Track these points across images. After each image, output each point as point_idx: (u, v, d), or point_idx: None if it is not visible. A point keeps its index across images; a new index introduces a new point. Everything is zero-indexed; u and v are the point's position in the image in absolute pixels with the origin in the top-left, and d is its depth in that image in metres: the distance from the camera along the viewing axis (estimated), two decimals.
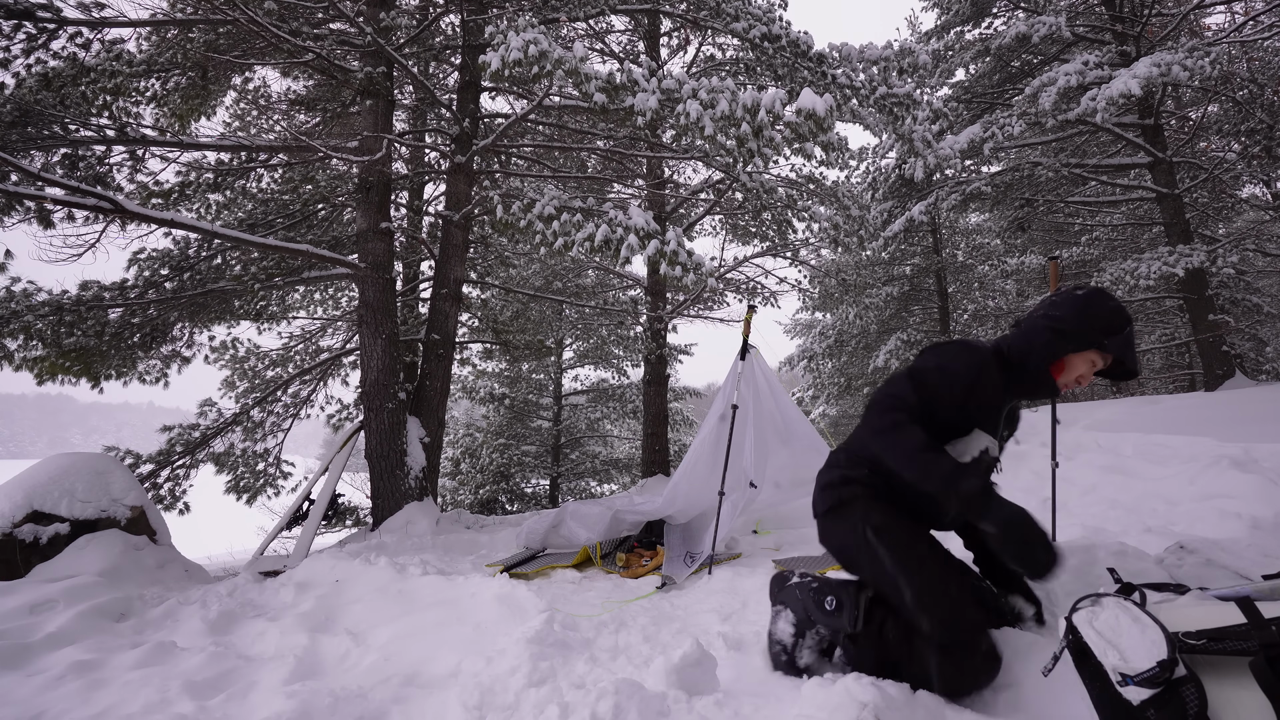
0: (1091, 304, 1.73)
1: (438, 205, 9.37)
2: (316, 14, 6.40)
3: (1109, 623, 1.40)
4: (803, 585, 2.01)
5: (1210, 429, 5.17)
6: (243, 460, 8.23)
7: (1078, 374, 1.76)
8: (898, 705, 1.58)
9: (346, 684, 2.34)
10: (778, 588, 2.12)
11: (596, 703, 1.72)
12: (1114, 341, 1.71)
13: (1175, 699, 1.27)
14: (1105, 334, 1.71)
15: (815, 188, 9.61)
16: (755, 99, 4.65)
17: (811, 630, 1.94)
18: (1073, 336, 1.71)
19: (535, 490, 14.96)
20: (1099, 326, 1.71)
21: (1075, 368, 1.75)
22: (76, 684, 2.39)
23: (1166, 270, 8.57)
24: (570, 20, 6.70)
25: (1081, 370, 1.75)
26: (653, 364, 10.60)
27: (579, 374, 15.94)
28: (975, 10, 11.46)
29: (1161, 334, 13.84)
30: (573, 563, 4.31)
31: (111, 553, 4.17)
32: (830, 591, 1.91)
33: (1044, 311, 1.79)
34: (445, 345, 6.86)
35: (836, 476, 1.92)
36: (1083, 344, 1.72)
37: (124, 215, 5.01)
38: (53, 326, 5.64)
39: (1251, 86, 8.92)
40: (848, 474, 1.90)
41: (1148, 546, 2.27)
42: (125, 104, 6.09)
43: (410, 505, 6.10)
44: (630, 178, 10.48)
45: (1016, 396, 1.82)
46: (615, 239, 5.15)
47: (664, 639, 2.62)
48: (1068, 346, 1.73)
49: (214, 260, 6.74)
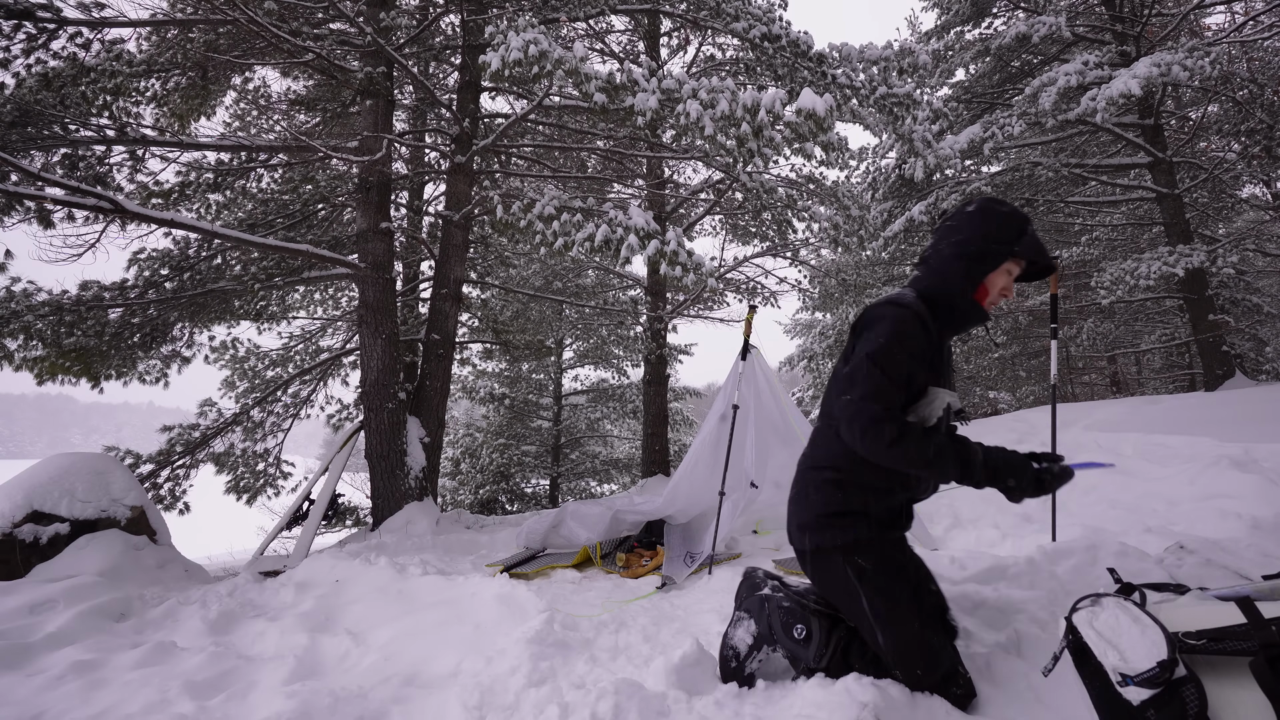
0: (989, 217, 1.70)
1: (438, 205, 9.37)
2: (316, 14, 6.40)
3: (1109, 623, 1.40)
4: (773, 600, 1.94)
5: (1210, 429, 5.17)
6: (243, 460, 8.23)
7: (1000, 288, 1.73)
8: (898, 705, 1.58)
9: (346, 684, 2.34)
10: (746, 592, 2.05)
11: (596, 703, 1.72)
12: (1024, 245, 1.68)
13: (1175, 699, 1.27)
14: (1013, 241, 1.68)
15: (815, 188, 9.61)
16: (755, 99, 4.65)
17: (769, 646, 1.89)
18: (987, 255, 1.68)
19: (535, 490, 14.95)
20: (1006, 236, 1.68)
21: (996, 283, 1.72)
22: (76, 684, 2.39)
23: (1166, 270, 8.56)
24: (570, 20, 6.69)
25: (1002, 283, 1.72)
26: (653, 364, 10.60)
27: (579, 374, 15.94)
28: (975, 10, 11.46)
29: (1161, 334, 13.84)
30: (573, 563, 4.31)
31: (111, 553, 4.17)
32: (801, 620, 1.86)
33: (946, 241, 1.73)
34: (445, 345, 6.85)
35: (810, 519, 1.82)
36: (997, 259, 1.69)
37: (124, 215, 5.01)
38: (53, 326, 5.64)
39: (1251, 86, 8.91)
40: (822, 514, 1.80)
41: (1148, 546, 2.27)
42: (125, 104, 6.08)
43: (410, 505, 6.10)
44: (630, 178, 10.48)
45: (951, 334, 1.77)
46: (615, 239, 5.15)
47: (664, 639, 2.62)
48: (985, 267, 1.70)
49: (214, 260, 6.73)
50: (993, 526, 3.88)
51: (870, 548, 1.75)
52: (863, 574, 1.73)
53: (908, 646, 1.68)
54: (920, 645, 1.68)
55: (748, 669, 1.91)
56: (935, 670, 1.67)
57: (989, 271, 1.70)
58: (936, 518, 4.28)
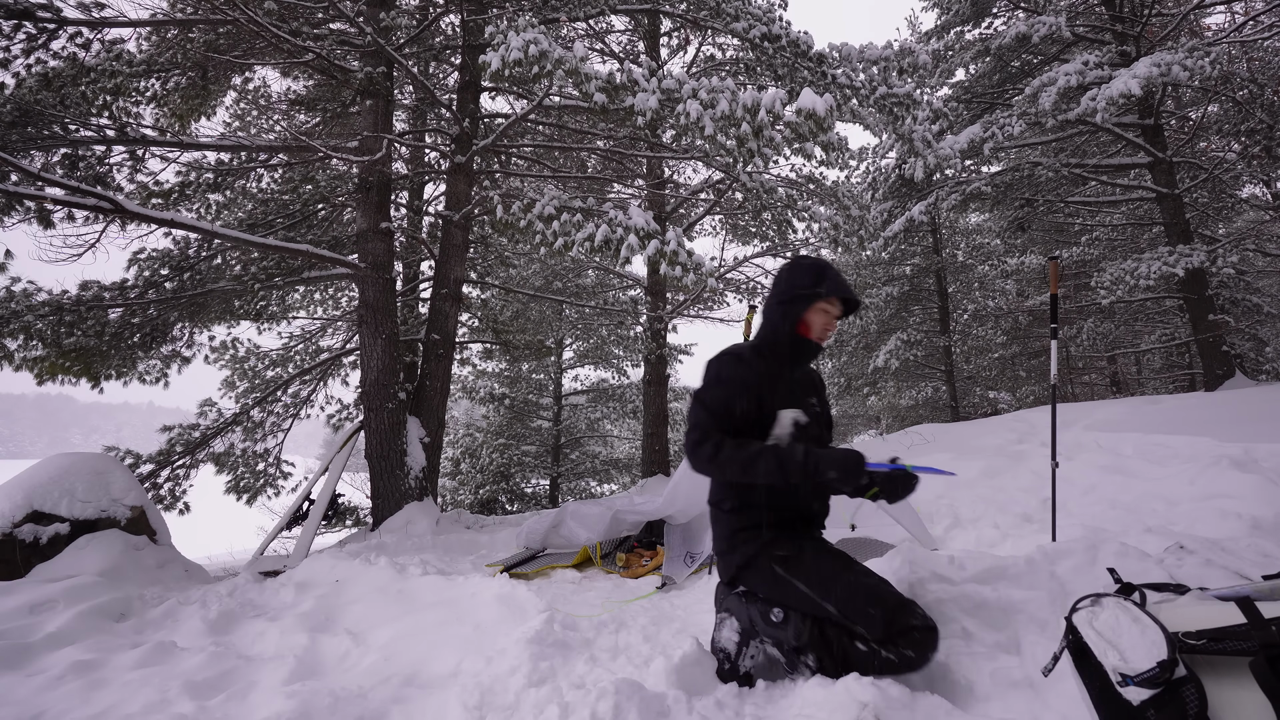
0: (794, 271, 2.06)
1: (438, 205, 9.37)
2: (316, 14, 6.40)
3: (1109, 623, 1.40)
4: (749, 594, 2.03)
5: (1210, 429, 5.16)
6: (243, 460, 8.23)
7: (822, 324, 2.03)
8: (898, 705, 1.58)
9: (346, 684, 2.34)
10: (723, 593, 2.14)
11: (596, 703, 1.72)
12: (826, 287, 1.98)
13: (1175, 699, 1.27)
14: (815, 285, 1.99)
15: (815, 188, 9.61)
16: (755, 99, 4.65)
17: (755, 640, 1.96)
18: (797, 299, 2.01)
19: (535, 490, 14.95)
20: (807, 282, 2.01)
21: (815, 320, 2.03)
22: (76, 684, 2.39)
23: (1166, 270, 8.56)
24: (570, 20, 6.69)
25: (822, 320, 2.03)
26: (653, 364, 10.59)
27: (579, 374, 15.94)
28: (975, 10, 11.46)
29: (1161, 334, 13.84)
30: (573, 563, 4.31)
31: (111, 553, 4.17)
32: (778, 604, 1.95)
33: (770, 295, 2.09)
34: (445, 345, 6.85)
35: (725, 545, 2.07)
36: (807, 300, 2.01)
37: (124, 215, 5.01)
38: (53, 326, 5.64)
39: (1251, 86, 8.91)
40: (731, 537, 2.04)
41: (1148, 546, 2.26)
42: (125, 104, 6.08)
43: (410, 505, 6.10)
44: (630, 178, 10.47)
45: (793, 366, 2.06)
46: (615, 239, 5.15)
47: (664, 639, 2.62)
48: (798, 309, 2.01)
49: (214, 260, 6.74)
50: (993, 526, 3.88)
51: (784, 543, 1.97)
52: (786, 562, 1.93)
53: (850, 594, 1.82)
54: (859, 588, 1.83)
55: (742, 668, 1.94)
56: (883, 604, 1.79)
57: (803, 312, 2.01)
58: (936, 518, 4.27)
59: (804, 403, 2.03)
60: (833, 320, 2.04)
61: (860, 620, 1.79)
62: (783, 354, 2.04)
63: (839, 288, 2.00)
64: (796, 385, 2.07)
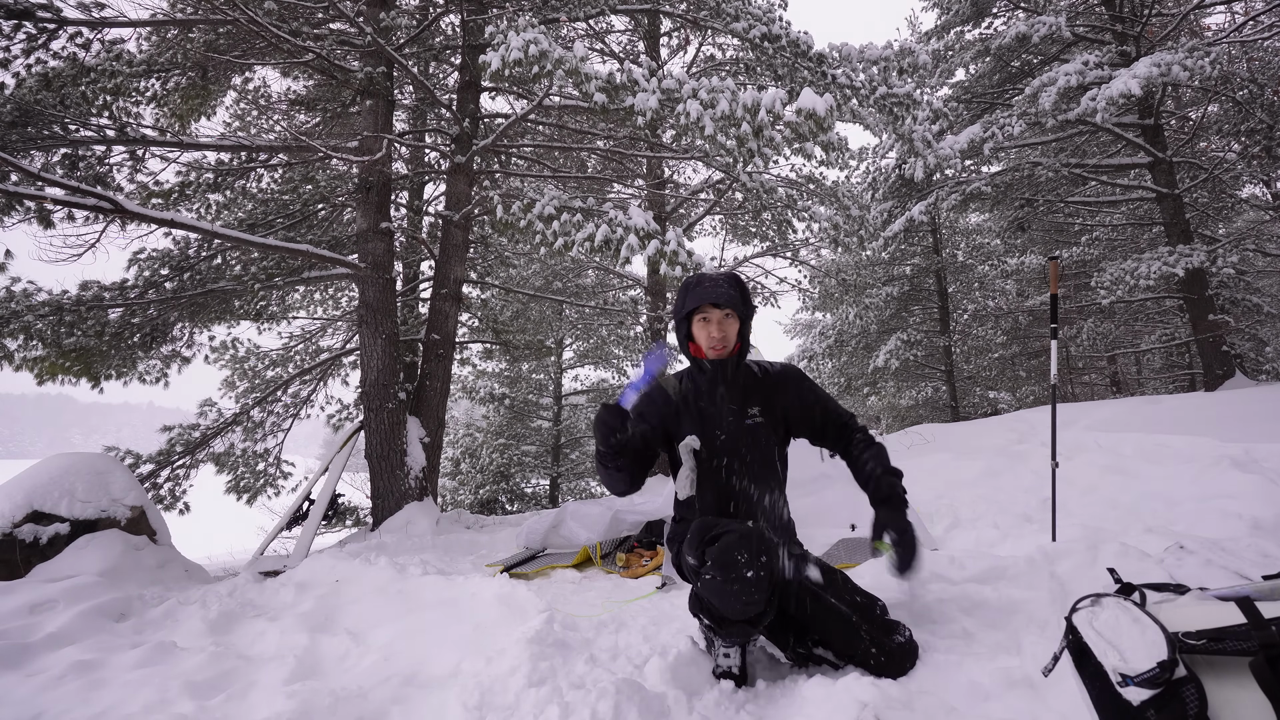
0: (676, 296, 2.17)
1: (438, 205, 9.36)
2: (316, 14, 6.40)
3: (1109, 623, 1.40)
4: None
5: (1210, 429, 5.17)
6: (243, 460, 8.23)
7: (705, 335, 2.06)
8: (898, 705, 1.58)
9: (346, 684, 2.33)
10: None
11: (596, 703, 1.72)
12: (692, 296, 2.03)
13: (1175, 699, 1.27)
14: (683, 305, 2.07)
15: (815, 188, 9.61)
16: (755, 99, 4.65)
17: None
18: (679, 322, 2.12)
19: (535, 490, 14.95)
20: (680, 303, 2.10)
21: (700, 334, 2.08)
22: (76, 684, 2.39)
23: (1166, 270, 8.56)
24: (570, 20, 6.69)
25: (704, 331, 2.06)
26: None
27: (579, 374, 15.94)
28: (975, 10, 11.46)
29: (1161, 334, 13.83)
30: (573, 563, 4.31)
31: (111, 553, 4.16)
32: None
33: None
34: (445, 345, 6.85)
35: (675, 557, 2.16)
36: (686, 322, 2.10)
37: (124, 215, 5.01)
38: (53, 326, 5.63)
39: (1251, 86, 8.91)
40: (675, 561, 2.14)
41: (1148, 546, 2.26)
42: (125, 104, 6.08)
43: (410, 505, 6.10)
44: (630, 178, 10.47)
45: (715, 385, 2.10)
46: (615, 239, 5.15)
47: (664, 639, 2.61)
48: (684, 330, 2.11)
49: (214, 260, 6.73)
50: (992, 526, 3.87)
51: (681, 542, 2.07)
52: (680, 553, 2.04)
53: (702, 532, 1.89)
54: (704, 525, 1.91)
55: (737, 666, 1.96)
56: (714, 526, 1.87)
57: (688, 330, 2.10)
58: (936, 518, 4.27)
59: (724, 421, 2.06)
60: (715, 325, 2.03)
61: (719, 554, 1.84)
62: (697, 377, 2.12)
63: (702, 295, 2.00)
64: (724, 402, 2.09)
